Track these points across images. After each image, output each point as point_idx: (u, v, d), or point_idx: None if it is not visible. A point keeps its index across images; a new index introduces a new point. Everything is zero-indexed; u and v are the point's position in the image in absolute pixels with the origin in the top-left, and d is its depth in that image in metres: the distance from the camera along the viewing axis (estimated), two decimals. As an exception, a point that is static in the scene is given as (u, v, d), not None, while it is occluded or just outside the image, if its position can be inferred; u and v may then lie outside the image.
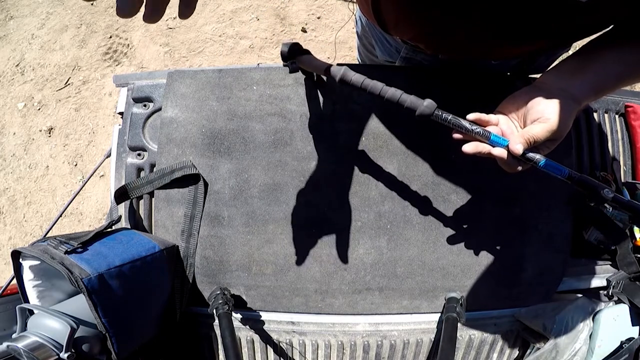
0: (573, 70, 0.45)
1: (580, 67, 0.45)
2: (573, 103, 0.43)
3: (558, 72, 0.46)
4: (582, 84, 0.44)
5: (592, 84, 0.44)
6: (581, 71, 0.44)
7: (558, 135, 0.42)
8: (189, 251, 0.64)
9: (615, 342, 0.58)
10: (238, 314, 0.66)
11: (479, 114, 0.45)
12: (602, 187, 0.42)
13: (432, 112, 0.45)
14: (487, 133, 0.43)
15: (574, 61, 0.46)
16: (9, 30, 2.08)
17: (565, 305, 0.62)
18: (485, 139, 0.43)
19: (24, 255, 0.51)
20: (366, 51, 0.86)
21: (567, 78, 0.44)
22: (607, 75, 0.44)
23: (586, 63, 0.45)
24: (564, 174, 0.42)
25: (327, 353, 0.67)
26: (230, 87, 0.65)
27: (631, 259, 0.64)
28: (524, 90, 0.46)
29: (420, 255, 0.64)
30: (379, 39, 0.72)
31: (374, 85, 0.48)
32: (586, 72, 0.44)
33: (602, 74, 0.44)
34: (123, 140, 0.70)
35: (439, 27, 0.50)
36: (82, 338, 0.50)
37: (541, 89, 0.44)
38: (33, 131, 1.92)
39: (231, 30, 1.93)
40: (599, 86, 0.44)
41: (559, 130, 0.42)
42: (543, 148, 0.43)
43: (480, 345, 0.67)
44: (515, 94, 0.46)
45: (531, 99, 0.43)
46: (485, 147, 0.44)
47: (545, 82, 0.45)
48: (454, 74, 0.63)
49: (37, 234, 1.82)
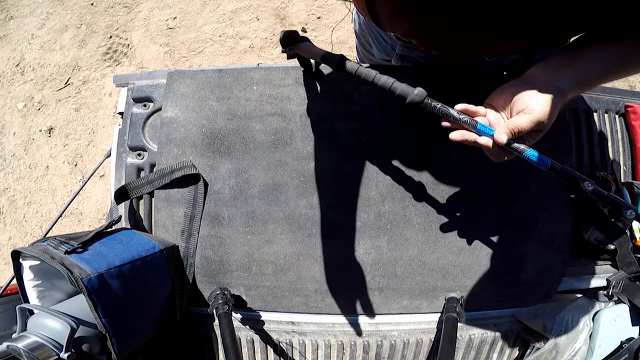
0: (559, 65, 0.46)
1: (566, 61, 0.46)
2: (558, 95, 0.44)
3: (545, 65, 0.47)
4: (567, 77, 0.45)
5: (577, 78, 0.45)
6: (567, 65, 0.46)
7: (542, 126, 0.44)
8: (189, 251, 0.64)
9: (615, 342, 0.58)
10: (238, 314, 0.66)
11: (466, 105, 0.46)
12: (582, 180, 0.44)
13: (422, 100, 0.46)
14: (473, 122, 0.45)
15: (560, 56, 0.47)
16: (9, 30, 2.08)
17: (565, 305, 0.62)
18: (472, 128, 0.45)
19: (24, 255, 0.51)
20: (364, 50, 0.86)
21: (553, 72, 0.46)
22: (592, 70, 0.46)
23: (572, 57, 0.46)
24: (547, 164, 0.44)
25: (327, 353, 0.67)
26: (230, 87, 0.65)
27: (631, 259, 0.64)
28: (511, 83, 0.47)
29: (420, 255, 0.64)
30: (375, 36, 0.72)
31: (368, 72, 0.50)
32: (572, 66, 0.45)
33: (587, 68, 0.45)
34: (123, 140, 0.70)
35: (431, 22, 0.50)
36: (82, 338, 0.50)
37: (527, 82, 0.45)
38: (33, 131, 1.92)
39: (231, 30, 1.93)
40: (583, 80, 0.46)
41: (544, 121, 0.43)
42: (528, 139, 0.45)
43: (480, 345, 0.67)
44: (503, 87, 0.47)
45: (518, 92, 0.45)
46: (471, 136, 0.45)
47: (532, 75, 0.46)
48: (449, 72, 0.63)
49: (37, 234, 1.82)
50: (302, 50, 0.56)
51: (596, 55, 0.45)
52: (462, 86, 0.63)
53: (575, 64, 0.45)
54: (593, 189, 0.44)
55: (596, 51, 0.45)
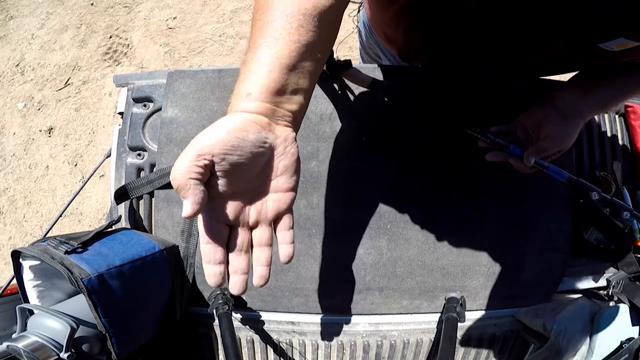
0: (584, 89, 0.52)
1: (591, 85, 0.51)
2: (580, 120, 0.51)
3: (571, 90, 0.52)
4: (592, 100, 0.51)
5: (600, 102, 0.51)
6: (591, 89, 0.51)
7: (563, 148, 0.52)
8: (189, 251, 0.64)
9: (615, 342, 0.58)
10: (238, 314, 0.66)
11: (500, 127, 0.55)
12: (592, 190, 0.51)
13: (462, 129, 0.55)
14: (507, 145, 0.52)
15: (586, 80, 0.52)
16: (9, 30, 2.08)
17: (565, 305, 0.62)
18: (505, 149, 0.52)
19: (24, 255, 0.51)
20: (371, 60, 0.88)
21: (578, 96, 0.51)
22: (614, 94, 0.51)
23: (596, 82, 0.51)
24: (564, 177, 0.51)
25: (327, 353, 0.67)
26: (230, 87, 0.64)
27: (631, 259, 0.64)
28: (540, 106, 0.53)
29: (420, 255, 0.64)
30: (389, 53, 0.75)
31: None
32: (596, 90, 0.51)
33: (610, 92, 0.51)
34: (123, 140, 0.70)
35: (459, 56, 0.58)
36: (82, 338, 0.50)
37: (555, 107, 0.52)
38: (33, 131, 1.92)
39: (231, 30, 1.93)
40: (604, 104, 0.52)
41: (565, 146, 0.51)
42: (550, 156, 0.52)
43: (480, 345, 0.67)
44: (534, 110, 0.54)
45: (546, 117, 0.52)
46: (504, 156, 0.53)
47: (559, 99, 0.52)
48: (451, 73, 0.64)
49: (37, 234, 1.82)
50: (349, 77, 0.60)
51: (620, 79, 0.50)
52: (464, 87, 0.63)
53: (599, 89, 0.51)
54: (599, 197, 0.51)
55: (621, 76, 0.49)
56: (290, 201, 0.34)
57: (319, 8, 0.33)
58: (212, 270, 0.31)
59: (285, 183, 0.34)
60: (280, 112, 0.33)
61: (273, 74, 0.31)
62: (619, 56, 0.41)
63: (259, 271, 0.33)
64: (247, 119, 0.31)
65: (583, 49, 0.43)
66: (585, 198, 0.52)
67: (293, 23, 0.32)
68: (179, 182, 0.29)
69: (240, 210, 0.33)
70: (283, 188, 0.34)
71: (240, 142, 0.30)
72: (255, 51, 0.32)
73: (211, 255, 0.31)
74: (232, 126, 0.30)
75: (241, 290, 0.32)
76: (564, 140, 0.51)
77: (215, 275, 0.31)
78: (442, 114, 0.61)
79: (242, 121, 0.30)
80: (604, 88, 0.51)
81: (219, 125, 0.30)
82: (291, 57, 0.32)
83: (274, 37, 0.32)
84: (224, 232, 0.32)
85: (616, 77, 0.50)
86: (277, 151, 0.33)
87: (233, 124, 0.30)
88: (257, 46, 0.32)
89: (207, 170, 0.30)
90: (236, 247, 0.33)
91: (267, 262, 0.34)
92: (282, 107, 0.33)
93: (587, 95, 0.51)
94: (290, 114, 0.34)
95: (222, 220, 0.32)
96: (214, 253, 0.31)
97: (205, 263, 0.32)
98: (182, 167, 0.29)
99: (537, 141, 0.52)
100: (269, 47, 0.32)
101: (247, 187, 0.33)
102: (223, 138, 0.29)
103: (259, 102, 0.31)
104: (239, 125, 0.30)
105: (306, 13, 0.32)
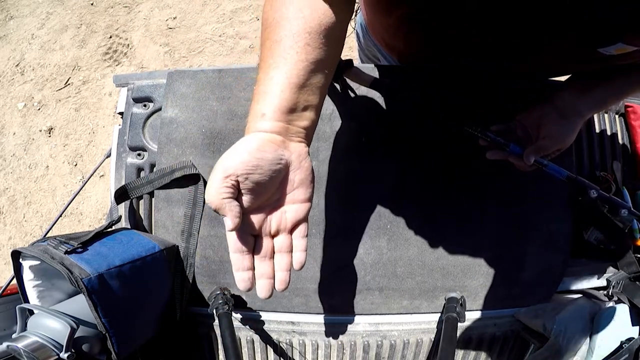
0: (583, 89, 0.52)
1: (590, 85, 0.52)
2: (579, 119, 0.51)
3: (570, 89, 0.53)
4: (591, 100, 0.51)
5: (599, 101, 0.52)
6: (591, 89, 0.51)
7: (563, 147, 0.53)
8: (189, 251, 0.64)
9: (615, 342, 0.58)
10: (238, 314, 0.66)
11: (500, 126, 0.55)
12: (590, 188, 0.52)
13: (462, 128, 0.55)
14: (507, 144, 0.53)
15: (585, 80, 0.52)
16: (9, 30, 2.08)
17: (565, 305, 0.62)
18: (505, 147, 0.53)
19: (24, 255, 0.51)
20: (369, 61, 0.89)
21: (577, 96, 0.52)
22: (613, 94, 0.52)
23: (595, 82, 0.51)
24: (564, 175, 0.52)
25: (327, 353, 0.67)
26: (230, 87, 0.65)
27: (631, 259, 0.64)
28: (540, 106, 0.54)
29: (420, 255, 0.64)
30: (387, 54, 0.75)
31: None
32: (595, 90, 0.51)
33: (609, 92, 0.51)
34: (123, 140, 0.70)
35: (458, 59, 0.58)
36: (82, 338, 0.50)
37: (555, 107, 0.52)
38: (33, 131, 1.92)
39: (231, 30, 1.93)
40: (603, 102, 0.53)
41: (565, 145, 0.52)
42: (549, 155, 0.53)
43: (480, 345, 0.67)
44: (534, 109, 0.54)
45: (546, 116, 0.52)
46: (504, 155, 0.54)
47: (559, 99, 0.52)
48: (452, 73, 0.63)
49: (37, 234, 1.82)
50: (351, 76, 0.60)
51: (619, 79, 0.50)
52: (464, 87, 0.63)
53: (598, 88, 0.51)
54: (597, 195, 0.52)
55: (620, 76, 0.50)
56: (306, 211, 0.37)
57: (324, 25, 0.35)
58: (242, 277, 0.35)
59: (302, 194, 0.37)
60: (293, 129, 0.36)
61: (284, 94, 0.34)
62: (617, 59, 0.41)
63: (280, 276, 0.36)
64: (264, 139, 0.33)
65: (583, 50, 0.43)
66: (584, 196, 0.53)
67: (300, 42, 0.34)
68: (215, 204, 0.32)
69: (262, 221, 0.36)
70: (300, 199, 0.37)
71: (260, 162, 0.33)
72: (267, 71, 0.35)
73: (240, 263, 0.35)
74: (251, 147, 0.33)
75: (268, 294, 0.36)
76: (564, 139, 0.51)
77: (245, 281, 0.35)
78: (442, 114, 0.61)
79: (259, 141, 0.33)
80: (602, 88, 0.51)
81: (240, 147, 0.33)
82: (299, 76, 0.34)
83: (282, 57, 0.34)
84: (250, 242, 0.36)
85: (615, 76, 0.50)
86: (292, 166, 0.36)
87: (252, 144, 0.33)
88: (268, 66, 0.35)
89: (235, 189, 0.32)
90: (261, 255, 0.36)
91: (288, 267, 0.37)
92: (295, 124, 0.36)
93: (586, 95, 0.51)
94: (302, 130, 0.36)
95: (248, 232, 0.35)
96: (242, 261, 0.35)
97: (235, 270, 0.35)
98: (214, 190, 0.32)
99: (537, 140, 0.53)
100: (279, 67, 0.34)
101: (268, 201, 0.36)
102: (244, 159, 0.32)
103: (273, 121, 0.34)
104: (256, 146, 0.33)
105: (312, 31, 0.34)
